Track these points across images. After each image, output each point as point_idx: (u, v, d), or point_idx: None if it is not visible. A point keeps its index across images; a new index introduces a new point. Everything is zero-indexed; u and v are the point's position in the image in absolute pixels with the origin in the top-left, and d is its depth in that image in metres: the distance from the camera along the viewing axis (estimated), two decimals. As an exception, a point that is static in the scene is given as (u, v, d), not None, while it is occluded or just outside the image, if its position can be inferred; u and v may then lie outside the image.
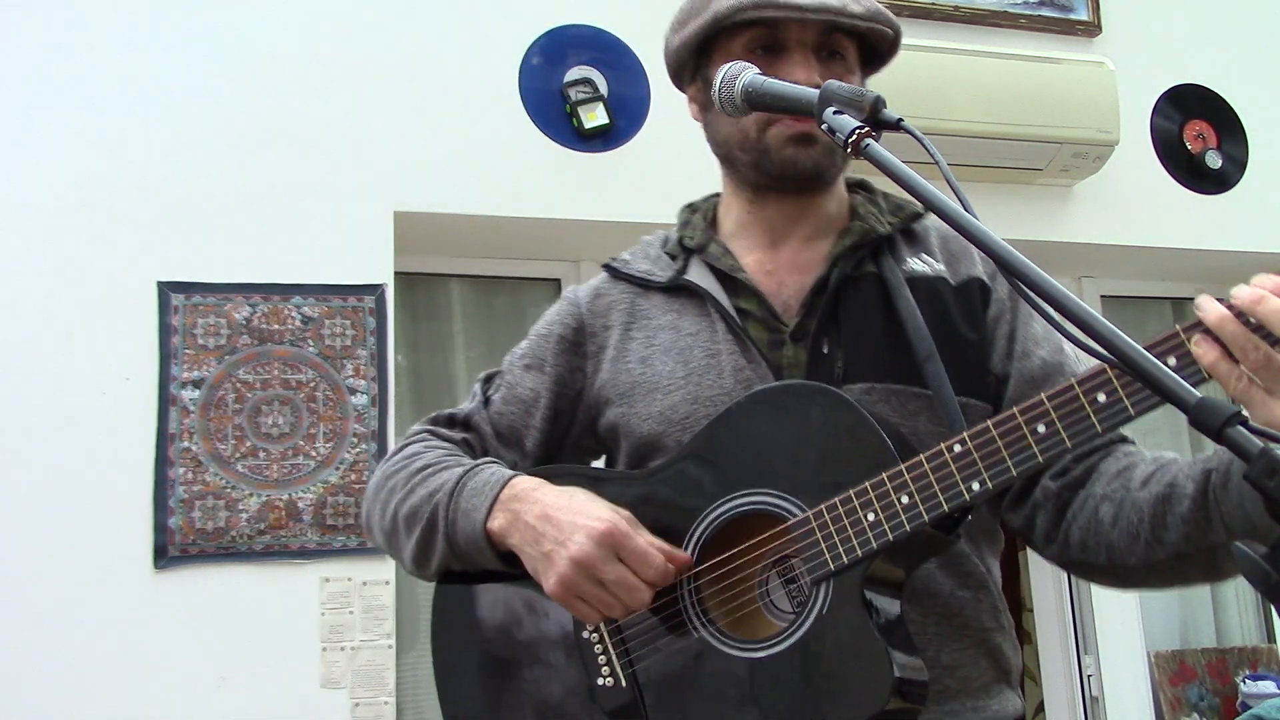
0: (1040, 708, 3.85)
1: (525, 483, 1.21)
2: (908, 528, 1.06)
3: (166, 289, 2.59)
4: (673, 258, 1.35)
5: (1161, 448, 1.17)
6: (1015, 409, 1.04)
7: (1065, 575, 3.48)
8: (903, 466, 1.06)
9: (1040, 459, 1.03)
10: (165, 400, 2.54)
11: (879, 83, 1.14)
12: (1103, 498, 1.19)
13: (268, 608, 2.48)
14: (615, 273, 1.39)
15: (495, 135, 2.86)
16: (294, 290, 2.67)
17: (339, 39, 2.82)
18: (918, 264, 1.30)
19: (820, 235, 1.31)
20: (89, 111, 2.63)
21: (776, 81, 1.17)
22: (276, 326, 2.64)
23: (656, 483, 1.21)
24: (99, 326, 2.53)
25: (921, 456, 1.06)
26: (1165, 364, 0.97)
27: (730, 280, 1.30)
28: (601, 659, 1.18)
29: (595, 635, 1.19)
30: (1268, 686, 3.37)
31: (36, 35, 2.63)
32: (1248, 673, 3.50)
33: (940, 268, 1.30)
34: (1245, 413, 0.80)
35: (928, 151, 0.98)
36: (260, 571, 2.51)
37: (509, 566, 1.20)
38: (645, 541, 1.13)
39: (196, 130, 2.68)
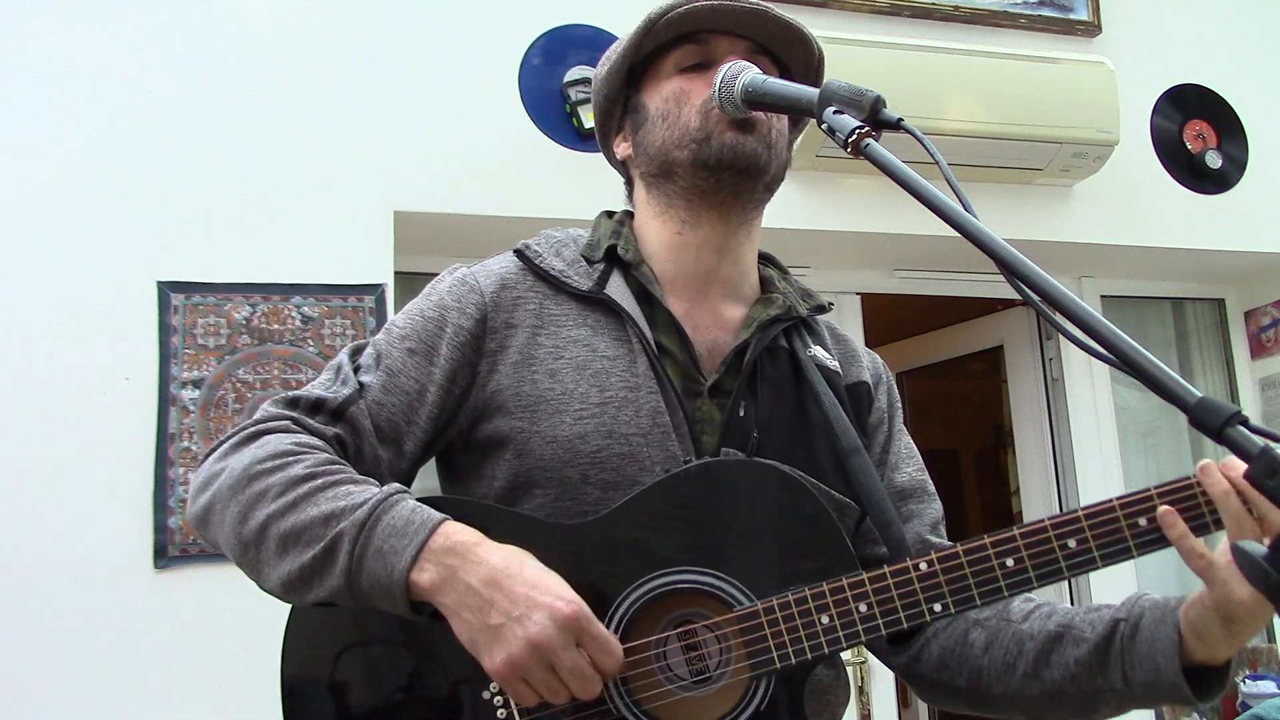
0: (1040, 708, 3.85)
1: (461, 534, 1.04)
2: (863, 638, 1.06)
3: (166, 289, 2.59)
4: (589, 262, 1.26)
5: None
6: (987, 538, 1.06)
7: (1066, 578, 3.48)
8: (864, 576, 1.07)
9: (1005, 593, 1.06)
10: (165, 400, 2.54)
11: (879, 83, 1.13)
12: (974, 623, 1.22)
13: (267, 608, 2.47)
14: (528, 263, 1.26)
15: (495, 135, 2.86)
16: (294, 290, 2.67)
17: (339, 39, 2.82)
18: (819, 353, 1.31)
19: (738, 291, 1.29)
20: (89, 112, 2.62)
21: (777, 81, 1.17)
22: (276, 326, 2.64)
23: (588, 541, 1.09)
24: (99, 326, 2.53)
25: (886, 569, 1.06)
26: (1137, 524, 1.04)
27: (649, 307, 1.23)
28: (501, 715, 1.07)
29: (500, 698, 1.07)
30: (1268, 686, 3.37)
31: (37, 36, 2.63)
32: (1248, 673, 3.50)
33: (835, 364, 1.32)
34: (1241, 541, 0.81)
35: (928, 151, 0.98)
36: (260, 571, 2.50)
37: (417, 615, 1.05)
38: (605, 629, 1.02)
39: (197, 130, 2.68)
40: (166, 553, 2.47)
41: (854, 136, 1.01)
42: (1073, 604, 3.71)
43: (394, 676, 1.11)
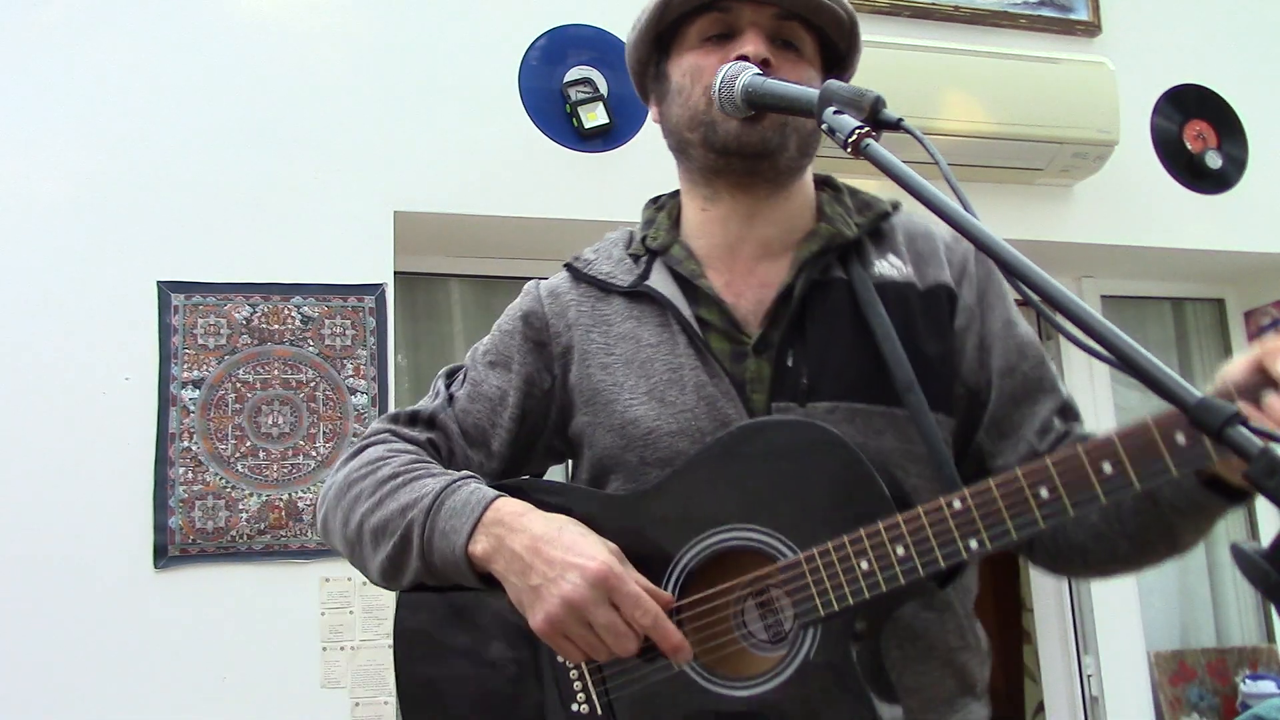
0: (1040, 708, 3.85)
1: (510, 506, 1.14)
2: (902, 580, 1.04)
3: (166, 289, 2.59)
4: (634, 259, 1.31)
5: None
6: (1018, 470, 1.02)
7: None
8: (900, 518, 1.05)
9: (1041, 524, 1.01)
10: (165, 400, 2.54)
11: (879, 83, 1.13)
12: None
13: (268, 608, 2.48)
14: (576, 273, 1.33)
15: (495, 135, 2.86)
16: (294, 290, 2.67)
17: (339, 39, 2.82)
18: (885, 267, 1.25)
19: (781, 242, 1.26)
20: (90, 112, 2.63)
21: (776, 81, 1.17)
22: (276, 326, 2.64)
23: (640, 509, 1.16)
24: (99, 326, 2.53)
25: (920, 510, 1.04)
26: (1175, 440, 0.95)
27: (690, 286, 1.26)
28: (577, 684, 1.15)
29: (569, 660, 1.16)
30: (1268, 686, 3.37)
31: (37, 36, 2.63)
32: (1248, 673, 3.50)
33: (908, 271, 1.25)
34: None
35: (928, 151, 0.98)
36: (260, 571, 2.51)
37: (489, 587, 1.15)
38: (638, 585, 1.08)
39: (196, 130, 2.68)
40: (166, 553, 2.47)
41: (854, 136, 1.01)
42: (1073, 602, 3.64)
43: (483, 651, 1.21)
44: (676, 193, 1.36)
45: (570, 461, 1.35)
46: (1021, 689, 4.46)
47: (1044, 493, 1.01)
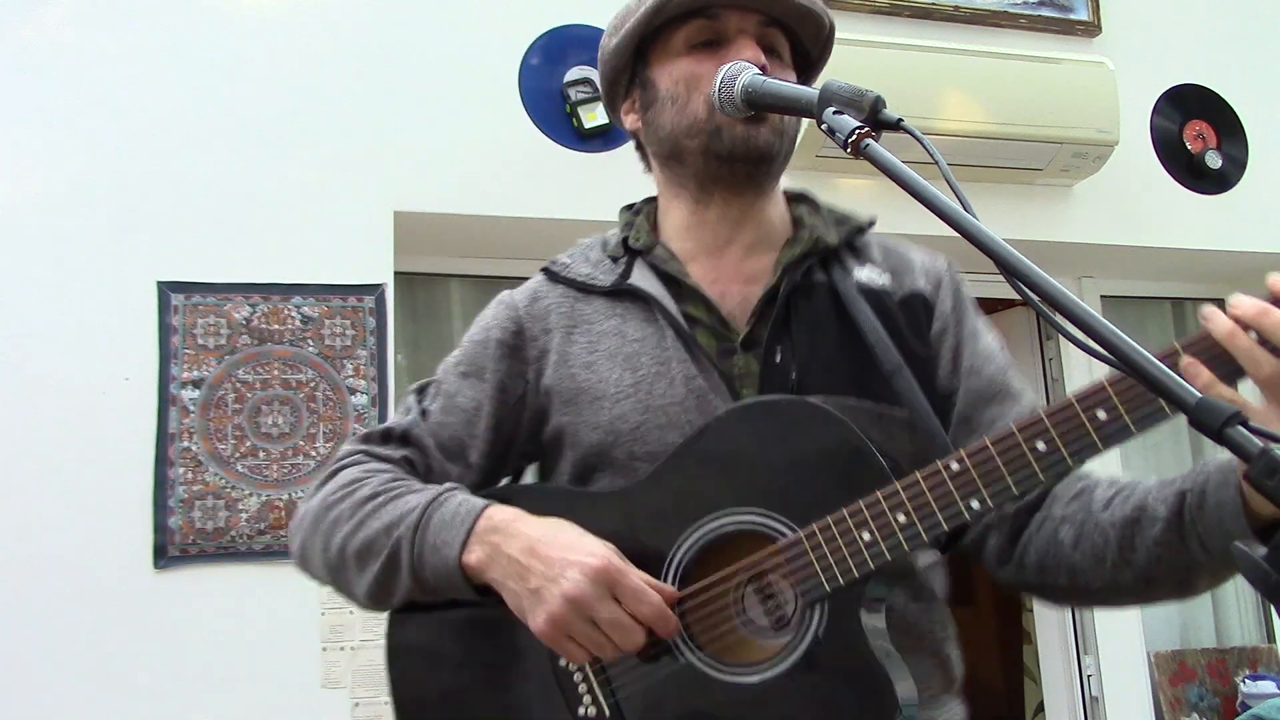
0: (1040, 708, 3.85)
1: (502, 513, 1.14)
2: (906, 547, 1.04)
3: (166, 289, 2.59)
4: (614, 260, 1.31)
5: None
6: (1014, 425, 1.03)
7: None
8: (898, 485, 1.05)
9: (1042, 477, 1.02)
10: (165, 400, 2.54)
11: (879, 83, 1.13)
12: (1062, 520, 1.18)
13: (268, 608, 2.48)
14: (554, 276, 1.33)
15: (495, 135, 2.86)
16: (294, 290, 2.67)
17: (338, 39, 2.82)
18: (864, 275, 1.28)
19: (764, 244, 1.29)
20: (89, 112, 2.63)
21: (776, 81, 1.17)
22: (276, 326, 2.64)
23: (633, 503, 1.15)
24: (99, 326, 2.53)
25: (918, 475, 1.04)
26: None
27: (675, 285, 1.26)
28: (582, 688, 1.14)
29: (574, 664, 1.14)
30: (1268, 686, 3.37)
31: (36, 36, 2.63)
32: (1247, 673, 3.50)
33: (885, 280, 1.29)
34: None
35: (928, 151, 0.97)
36: (260, 571, 2.51)
37: (484, 598, 1.14)
38: (640, 578, 1.07)
39: (197, 130, 2.68)
40: (166, 553, 2.47)
41: (854, 137, 1.01)
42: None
43: (481, 664, 1.20)
44: (648, 200, 1.38)
45: (540, 465, 1.33)
46: (1021, 689, 4.46)
47: (1040, 445, 1.01)
